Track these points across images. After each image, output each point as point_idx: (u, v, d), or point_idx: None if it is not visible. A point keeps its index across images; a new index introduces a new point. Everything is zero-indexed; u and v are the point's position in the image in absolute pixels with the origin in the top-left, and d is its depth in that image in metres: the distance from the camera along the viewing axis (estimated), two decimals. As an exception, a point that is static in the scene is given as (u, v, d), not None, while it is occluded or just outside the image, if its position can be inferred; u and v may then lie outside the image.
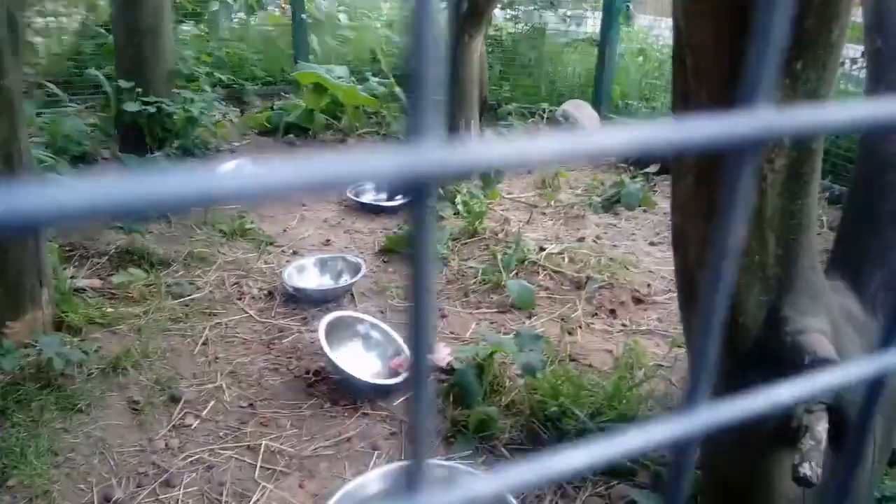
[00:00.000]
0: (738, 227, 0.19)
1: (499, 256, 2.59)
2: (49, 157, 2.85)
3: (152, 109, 3.36)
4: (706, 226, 0.98)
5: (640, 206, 3.21)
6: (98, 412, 1.75)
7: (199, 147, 3.64)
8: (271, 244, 2.74)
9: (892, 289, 1.05)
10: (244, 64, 5.00)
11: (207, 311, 2.24)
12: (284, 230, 2.90)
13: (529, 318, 2.28)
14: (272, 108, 4.31)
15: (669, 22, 1.13)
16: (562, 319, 2.26)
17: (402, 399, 1.85)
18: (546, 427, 1.70)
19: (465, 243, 2.78)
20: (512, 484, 0.19)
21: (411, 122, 0.13)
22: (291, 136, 4.11)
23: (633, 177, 3.53)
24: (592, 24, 5.10)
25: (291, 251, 2.71)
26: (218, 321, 2.18)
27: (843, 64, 3.48)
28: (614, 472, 1.58)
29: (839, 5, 0.82)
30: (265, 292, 2.37)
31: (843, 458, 0.30)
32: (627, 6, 5.16)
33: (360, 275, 2.37)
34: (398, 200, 3.17)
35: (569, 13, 5.16)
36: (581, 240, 2.85)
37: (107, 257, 2.50)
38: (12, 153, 1.83)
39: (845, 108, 0.20)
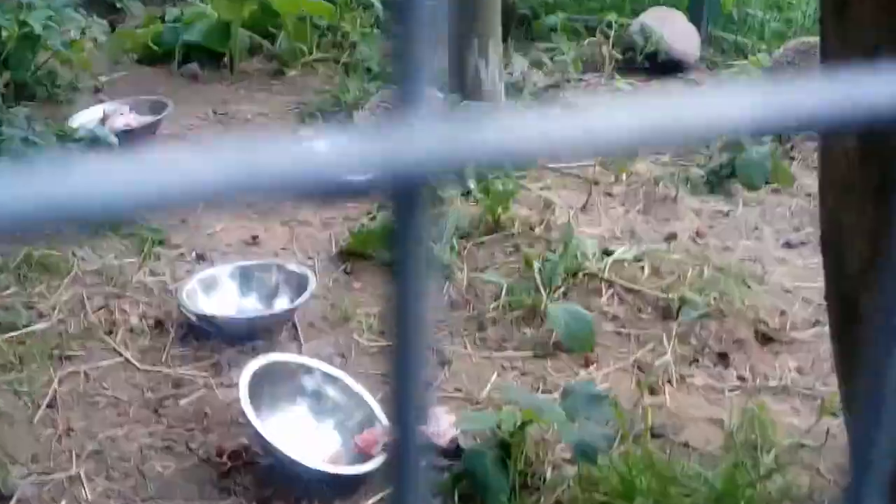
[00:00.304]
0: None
1: (535, 265, 2.59)
2: None
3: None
4: (876, 214, 0.98)
5: (768, 183, 3.21)
6: None
7: (45, 83, 3.64)
8: (161, 243, 2.75)
9: None
10: (117, -53, 5.02)
11: (56, 352, 2.24)
12: (183, 220, 2.90)
13: (586, 366, 2.28)
14: (162, 21, 4.32)
15: None
16: (639, 369, 2.27)
17: (377, 498, 1.85)
18: (613, 545, 1.71)
19: (481, 242, 2.78)
20: None
21: (395, 81, 0.14)
22: (193, 64, 4.12)
23: (757, 134, 3.54)
24: None
25: (194, 254, 2.72)
26: (73, 369, 2.19)
27: None
28: None
29: None
30: (151, 322, 2.38)
31: None
32: None
33: (307, 294, 2.38)
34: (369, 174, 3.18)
35: None
36: (671, 238, 2.86)
37: None
38: None
39: None
